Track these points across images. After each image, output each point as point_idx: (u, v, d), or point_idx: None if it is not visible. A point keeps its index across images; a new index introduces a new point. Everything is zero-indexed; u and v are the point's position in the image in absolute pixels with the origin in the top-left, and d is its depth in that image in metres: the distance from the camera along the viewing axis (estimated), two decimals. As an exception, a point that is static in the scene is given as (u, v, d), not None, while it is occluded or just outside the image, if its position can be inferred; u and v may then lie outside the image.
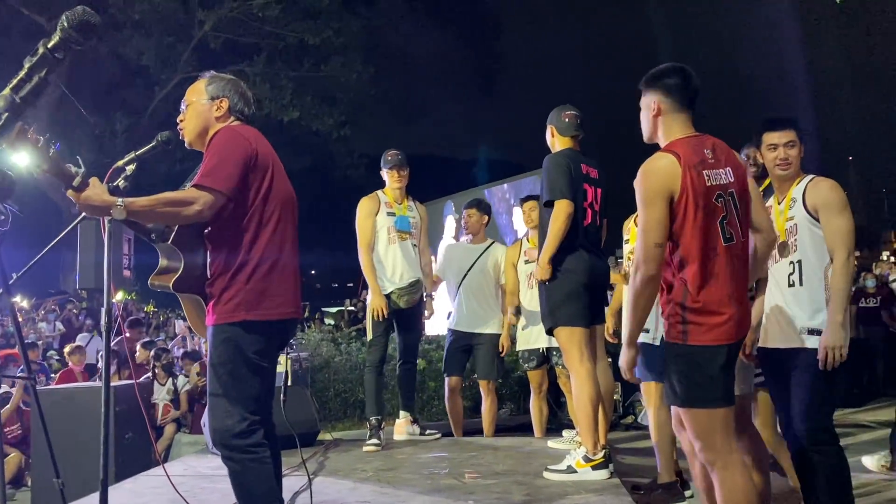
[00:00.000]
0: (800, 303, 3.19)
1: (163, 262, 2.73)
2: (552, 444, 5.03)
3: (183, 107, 2.84)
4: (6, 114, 1.94)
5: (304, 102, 18.47)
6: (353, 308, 16.63)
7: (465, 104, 40.87)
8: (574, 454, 4.11)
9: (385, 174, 5.38)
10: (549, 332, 4.33)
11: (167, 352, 8.20)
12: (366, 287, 5.35)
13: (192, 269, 2.66)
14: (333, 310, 21.01)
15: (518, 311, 5.56)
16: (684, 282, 2.63)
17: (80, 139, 17.53)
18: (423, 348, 7.81)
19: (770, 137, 3.30)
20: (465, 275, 5.66)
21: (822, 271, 3.17)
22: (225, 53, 18.44)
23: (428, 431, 5.46)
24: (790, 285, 3.23)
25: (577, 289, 4.11)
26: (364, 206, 5.30)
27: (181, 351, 9.26)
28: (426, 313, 5.52)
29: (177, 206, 2.49)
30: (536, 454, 4.79)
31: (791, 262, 3.24)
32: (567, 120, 4.37)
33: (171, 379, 7.65)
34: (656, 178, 2.64)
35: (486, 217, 5.79)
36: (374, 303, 5.17)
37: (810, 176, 3.29)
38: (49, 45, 2.04)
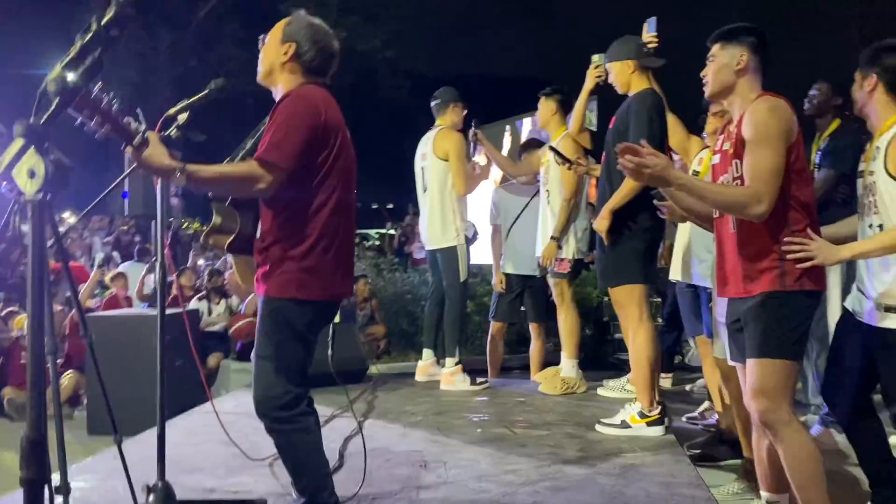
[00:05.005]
0: (876, 274, 2.75)
1: (216, 219, 2.65)
2: (602, 392, 4.94)
3: (267, 38, 2.70)
4: (57, 98, 1.77)
5: (349, 21, 17.99)
6: (393, 232, 16.52)
7: (520, 20, 39.17)
8: (628, 408, 4.03)
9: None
10: (605, 292, 4.15)
11: (220, 274, 8.18)
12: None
13: (245, 230, 2.62)
14: (374, 232, 20.97)
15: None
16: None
17: (121, 56, 17.37)
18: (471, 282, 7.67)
19: None
20: (516, 220, 5.52)
21: None
22: (269, -33, 17.91)
23: (479, 380, 5.24)
24: None
25: (650, 248, 3.95)
26: None
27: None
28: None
29: (242, 181, 2.38)
30: (587, 403, 4.72)
31: (871, 226, 2.75)
32: (647, 49, 4.04)
33: (224, 299, 7.68)
34: (787, 116, 2.51)
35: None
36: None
37: None
38: (102, 22, 1.84)
